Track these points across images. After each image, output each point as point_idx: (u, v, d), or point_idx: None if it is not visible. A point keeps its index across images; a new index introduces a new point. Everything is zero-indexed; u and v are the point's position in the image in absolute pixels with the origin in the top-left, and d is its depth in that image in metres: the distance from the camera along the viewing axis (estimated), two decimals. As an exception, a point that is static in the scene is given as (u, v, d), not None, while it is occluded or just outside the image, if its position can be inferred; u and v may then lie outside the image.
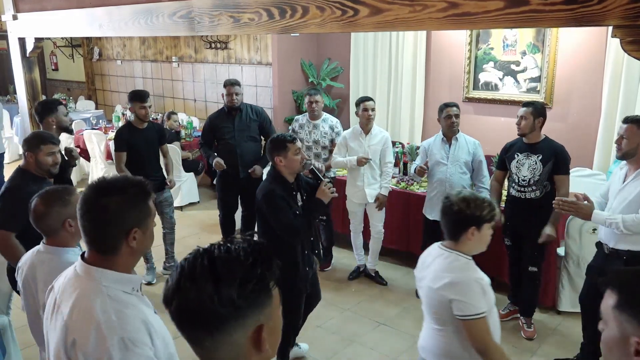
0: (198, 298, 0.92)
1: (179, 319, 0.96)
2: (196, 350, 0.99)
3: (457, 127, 4.08)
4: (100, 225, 1.48)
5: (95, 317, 1.41)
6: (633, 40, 1.70)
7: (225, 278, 0.92)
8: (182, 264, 0.98)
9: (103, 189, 1.49)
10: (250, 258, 0.95)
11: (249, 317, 0.95)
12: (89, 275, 1.49)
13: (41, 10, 3.88)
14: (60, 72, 11.23)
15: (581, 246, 3.87)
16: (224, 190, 4.89)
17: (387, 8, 2.10)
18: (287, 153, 3.03)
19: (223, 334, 0.94)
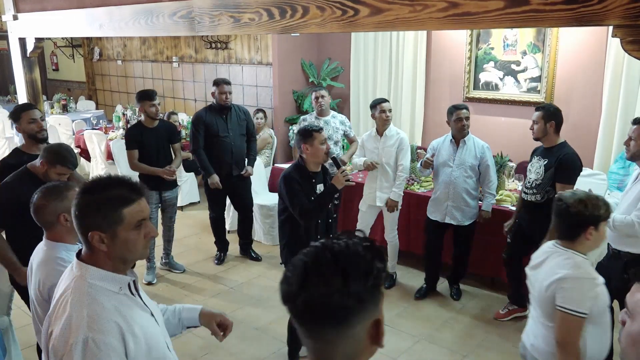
0: (327, 292, 0.93)
1: (306, 314, 0.97)
2: (315, 344, 1.00)
3: (468, 130, 4.08)
4: (75, 219, 1.51)
5: (69, 311, 1.43)
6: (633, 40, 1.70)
7: (352, 272, 0.95)
8: (304, 260, 0.99)
9: (87, 186, 1.53)
10: (369, 253, 0.98)
11: (370, 310, 0.98)
12: (79, 272, 1.51)
13: (41, 10, 3.88)
14: (60, 72, 11.23)
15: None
16: (213, 190, 4.90)
17: (388, 8, 2.11)
18: (314, 142, 3.20)
19: (347, 327, 0.96)
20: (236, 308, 4.25)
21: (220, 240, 5.15)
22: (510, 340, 3.77)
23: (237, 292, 4.55)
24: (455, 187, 4.04)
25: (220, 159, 4.73)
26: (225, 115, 4.75)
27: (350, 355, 0.99)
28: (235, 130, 4.76)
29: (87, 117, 8.80)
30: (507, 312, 4.05)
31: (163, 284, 4.70)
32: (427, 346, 3.74)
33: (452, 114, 4.06)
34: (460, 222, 4.10)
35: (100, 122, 8.41)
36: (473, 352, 3.66)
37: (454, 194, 4.06)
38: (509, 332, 3.88)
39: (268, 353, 3.66)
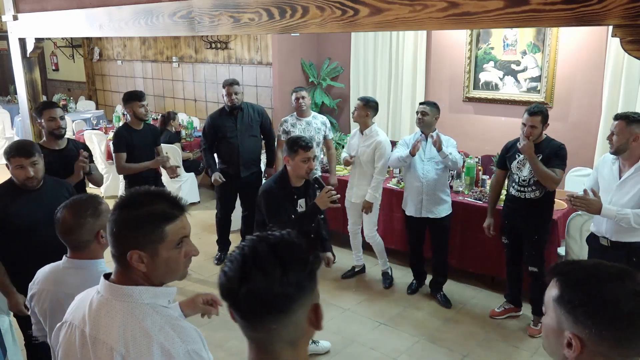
0: (267, 283, 0.96)
1: (248, 306, 0.99)
2: (257, 335, 1.02)
3: (426, 125, 4.10)
4: (111, 237, 1.39)
5: (154, 337, 1.33)
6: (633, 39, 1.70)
7: (290, 261, 0.98)
8: (241, 254, 1.00)
9: (125, 201, 1.41)
10: (304, 242, 1.02)
11: (309, 296, 1.01)
12: (125, 296, 1.38)
13: (41, 10, 3.88)
14: (60, 73, 11.23)
15: (581, 246, 3.86)
16: (223, 189, 4.91)
17: (387, 8, 2.10)
18: (295, 157, 3.09)
19: (289, 315, 0.99)
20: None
21: (223, 240, 5.15)
22: (510, 340, 3.78)
23: (237, 292, 4.55)
24: (428, 181, 4.10)
25: (228, 160, 4.74)
26: (235, 117, 4.75)
27: (291, 341, 1.02)
28: (243, 132, 4.74)
29: (87, 117, 8.81)
30: (503, 310, 4.07)
31: (163, 284, 4.70)
32: (427, 346, 3.74)
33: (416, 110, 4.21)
34: (436, 215, 4.15)
35: (100, 122, 8.41)
36: (473, 352, 3.66)
37: (427, 188, 4.10)
38: (509, 332, 3.89)
39: (268, 353, 3.66)
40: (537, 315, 3.86)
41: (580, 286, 1.05)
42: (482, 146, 5.36)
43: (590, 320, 1.02)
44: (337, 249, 5.15)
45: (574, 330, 1.04)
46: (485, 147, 5.32)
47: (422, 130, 4.16)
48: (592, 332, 1.01)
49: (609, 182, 3.14)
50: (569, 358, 1.06)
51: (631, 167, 3.03)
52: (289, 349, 1.02)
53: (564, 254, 4.01)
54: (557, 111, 5.02)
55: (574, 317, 1.04)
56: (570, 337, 1.04)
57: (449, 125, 5.64)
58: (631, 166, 3.03)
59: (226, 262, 1.02)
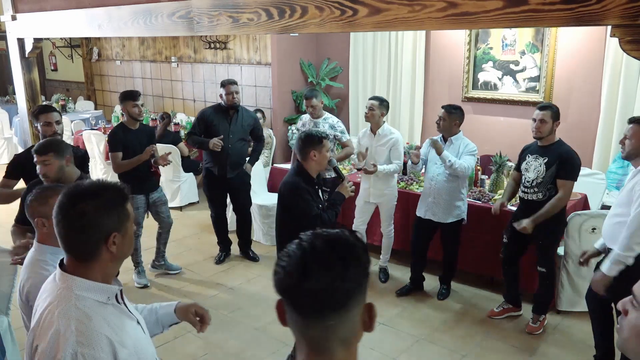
0: (329, 278, 0.97)
1: (309, 301, 0.99)
2: (314, 332, 1.02)
3: (444, 129, 4.06)
4: (78, 231, 1.43)
5: (55, 325, 1.38)
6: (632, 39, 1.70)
7: (349, 257, 1.00)
8: (299, 249, 1.01)
9: (78, 194, 1.45)
10: (358, 241, 1.03)
11: (363, 294, 1.03)
12: (64, 283, 1.45)
13: (40, 10, 3.88)
14: (59, 73, 11.22)
15: (581, 245, 3.86)
16: (211, 189, 4.92)
17: (386, 8, 2.11)
18: (322, 149, 3.18)
19: (347, 310, 1.00)
20: (236, 308, 4.25)
21: (223, 240, 5.14)
22: (509, 340, 3.78)
23: (237, 292, 4.55)
24: (437, 184, 4.09)
25: (216, 160, 4.73)
26: (230, 118, 4.75)
27: (345, 340, 1.02)
28: (236, 134, 4.74)
29: (85, 117, 8.80)
30: (502, 310, 4.07)
31: (161, 286, 4.70)
32: (427, 346, 3.74)
33: None
34: (441, 218, 4.13)
35: (99, 122, 8.41)
36: (472, 352, 3.66)
37: (436, 191, 4.10)
38: (509, 332, 3.89)
39: (268, 353, 3.66)
40: (537, 313, 3.87)
41: None
42: (481, 146, 5.34)
43: None
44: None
45: None
46: (484, 147, 5.32)
47: (443, 134, 4.13)
48: None
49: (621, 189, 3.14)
50: None
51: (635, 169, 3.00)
52: (343, 349, 1.02)
53: (563, 254, 4.01)
54: (556, 111, 5.02)
55: None
56: None
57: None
58: (635, 168, 2.99)
59: (282, 257, 1.03)
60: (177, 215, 6.38)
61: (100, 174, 7.09)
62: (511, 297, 4.04)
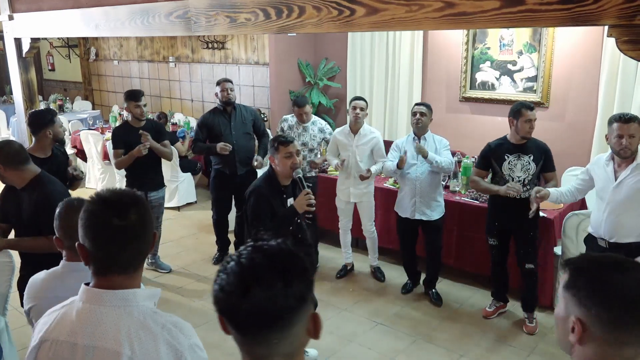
0: (269, 297, 0.91)
1: (250, 322, 0.94)
2: (257, 349, 0.98)
3: (421, 125, 4.09)
4: (133, 242, 1.37)
5: (159, 335, 1.34)
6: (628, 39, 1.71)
7: (291, 272, 0.94)
8: (238, 266, 0.95)
9: (117, 205, 1.37)
10: (300, 251, 0.98)
11: (308, 306, 0.98)
12: (120, 300, 1.35)
13: (37, 10, 3.88)
14: (56, 73, 11.20)
15: (578, 245, 3.87)
16: (219, 190, 4.91)
17: (384, 8, 2.11)
18: (277, 154, 3.07)
19: (290, 327, 0.96)
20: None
21: (222, 240, 5.14)
22: (507, 339, 3.79)
23: (234, 292, 4.54)
24: (421, 183, 4.10)
25: (224, 159, 4.73)
26: (229, 115, 4.76)
27: (291, 352, 0.99)
28: (238, 129, 4.76)
29: (83, 117, 8.79)
30: (495, 309, 4.10)
31: (159, 286, 4.70)
32: (424, 346, 3.74)
33: (412, 110, 4.19)
34: (429, 217, 4.15)
35: (97, 122, 8.41)
36: (470, 352, 3.67)
37: (421, 190, 4.11)
38: (506, 331, 3.90)
39: (265, 353, 3.66)
40: (531, 311, 3.90)
41: (586, 271, 1.09)
42: (478, 146, 5.31)
43: (590, 301, 1.04)
44: (332, 249, 5.17)
45: (577, 313, 1.06)
46: (482, 147, 5.31)
47: (416, 132, 4.15)
48: (592, 314, 1.04)
49: (604, 184, 3.15)
50: (572, 343, 1.08)
51: (627, 167, 3.04)
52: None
53: (560, 254, 4.02)
54: (553, 111, 5.03)
55: (577, 300, 1.07)
56: (574, 321, 1.07)
57: (445, 125, 5.64)
58: (627, 166, 3.04)
59: (220, 274, 0.96)
60: (175, 215, 6.38)
61: (98, 174, 7.09)
62: (501, 294, 4.09)
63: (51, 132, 3.48)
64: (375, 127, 5.06)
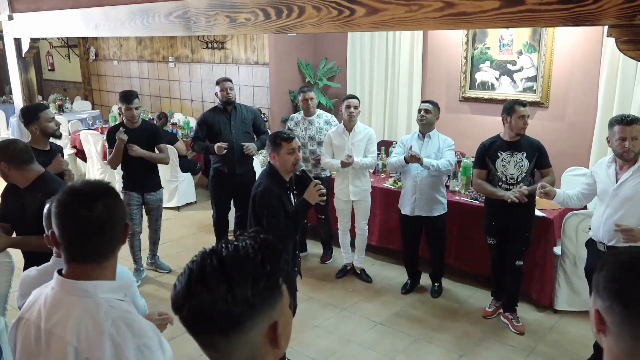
0: (211, 300, 0.90)
1: (193, 323, 0.95)
2: (210, 354, 0.97)
3: (428, 122, 4.14)
4: (99, 232, 1.40)
5: (105, 330, 1.35)
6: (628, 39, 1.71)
7: (237, 277, 0.91)
8: (190, 267, 0.95)
9: (92, 192, 1.41)
10: (259, 255, 0.94)
11: (263, 314, 0.94)
12: (80, 291, 1.39)
13: (37, 10, 3.87)
14: (56, 73, 11.19)
15: (577, 245, 3.88)
16: (218, 189, 4.91)
17: (384, 8, 2.11)
18: (280, 150, 3.04)
19: (239, 334, 0.93)
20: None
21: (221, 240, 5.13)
22: (506, 339, 3.78)
23: (234, 292, 4.54)
24: (422, 180, 4.14)
25: (223, 157, 4.73)
26: (229, 114, 4.76)
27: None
28: (238, 129, 4.75)
29: (83, 117, 8.79)
30: (494, 309, 4.10)
31: (159, 286, 4.70)
32: (424, 345, 3.74)
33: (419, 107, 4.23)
34: (428, 213, 4.17)
35: (97, 122, 8.40)
36: (470, 352, 3.66)
37: (421, 187, 4.14)
38: (506, 331, 3.89)
39: (265, 353, 3.65)
40: (511, 311, 3.93)
41: (608, 264, 1.10)
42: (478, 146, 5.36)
43: (606, 292, 1.05)
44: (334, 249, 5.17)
45: (596, 305, 1.08)
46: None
47: (422, 130, 4.19)
48: (607, 306, 1.05)
49: (605, 186, 3.13)
50: (594, 334, 1.11)
51: (628, 169, 3.02)
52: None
53: (560, 254, 4.02)
54: (553, 111, 5.03)
55: (596, 292, 1.08)
56: (593, 313, 1.08)
57: (445, 125, 5.64)
58: (628, 169, 3.02)
59: (179, 275, 0.97)
60: (174, 215, 6.38)
61: (98, 174, 7.08)
62: (499, 294, 4.10)
63: (37, 127, 3.52)
64: (375, 127, 5.08)
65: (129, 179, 4.56)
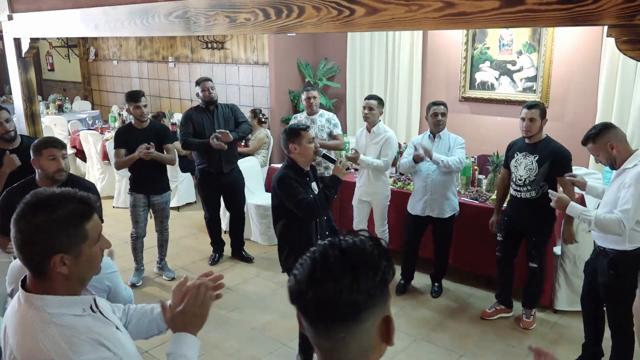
0: (337, 288, 0.94)
1: (314, 311, 0.97)
2: (325, 343, 1.00)
3: (443, 125, 4.15)
4: (23, 245, 1.33)
5: (44, 349, 1.29)
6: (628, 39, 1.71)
7: (360, 268, 0.96)
8: (313, 257, 0.99)
9: (32, 205, 1.34)
10: (375, 250, 0.99)
11: (379, 306, 0.99)
12: (30, 304, 1.34)
13: (37, 10, 3.87)
14: (56, 73, 11.18)
15: (577, 245, 3.88)
16: (206, 189, 4.92)
17: (383, 8, 2.11)
18: (302, 141, 3.14)
19: (357, 323, 0.97)
20: (233, 309, 4.25)
21: (215, 241, 5.14)
22: (506, 340, 3.79)
23: (234, 292, 4.54)
24: (433, 180, 4.13)
25: (209, 158, 4.73)
26: (211, 114, 4.77)
27: (361, 353, 1.00)
28: (222, 128, 4.73)
29: (82, 117, 8.78)
30: (495, 311, 4.09)
31: (159, 285, 4.70)
32: (424, 346, 3.74)
33: (430, 109, 4.17)
34: (439, 214, 4.16)
35: (96, 122, 8.39)
36: (470, 352, 3.67)
37: (432, 187, 4.12)
38: (506, 331, 3.90)
39: (265, 353, 3.66)
40: (530, 308, 3.93)
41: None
42: (478, 146, 5.37)
43: None
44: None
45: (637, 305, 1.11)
46: (482, 147, 5.32)
47: (434, 131, 4.18)
48: None
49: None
50: None
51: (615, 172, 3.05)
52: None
53: (560, 254, 4.02)
54: (553, 111, 5.03)
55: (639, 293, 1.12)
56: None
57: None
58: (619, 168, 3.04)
59: (297, 266, 1.01)
60: (174, 216, 6.37)
61: (98, 174, 7.08)
62: (504, 297, 4.06)
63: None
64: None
65: (136, 182, 4.52)
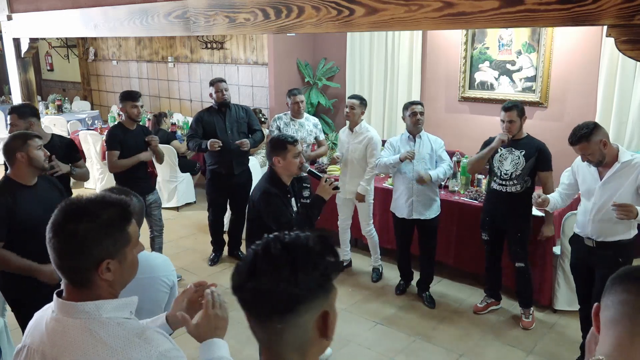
0: (275, 280, 0.96)
1: (252, 302, 1.00)
2: (263, 334, 1.03)
3: (422, 125, 4.12)
4: (68, 255, 1.29)
5: (119, 351, 1.26)
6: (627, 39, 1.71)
7: (300, 261, 0.98)
8: (254, 249, 1.02)
9: (73, 212, 1.30)
10: (318, 245, 1.01)
11: (318, 301, 1.00)
12: (80, 313, 1.30)
13: (36, 10, 3.87)
14: (55, 73, 11.18)
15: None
16: (215, 191, 4.91)
17: (383, 8, 2.11)
18: (287, 154, 2.99)
19: (294, 316, 0.98)
20: (232, 309, 4.23)
21: (217, 241, 5.13)
22: (506, 339, 3.79)
23: (234, 292, 4.54)
24: (416, 183, 4.10)
25: (220, 158, 4.72)
26: (224, 115, 4.76)
27: (299, 346, 1.02)
28: (233, 129, 4.75)
29: (82, 117, 8.77)
30: (486, 305, 4.13)
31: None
32: (423, 345, 3.75)
33: (407, 109, 4.12)
34: (425, 215, 4.15)
35: (96, 122, 8.39)
36: (469, 351, 3.67)
37: (418, 189, 4.10)
38: (505, 330, 3.90)
39: (264, 353, 3.65)
40: (527, 307, 3.94)
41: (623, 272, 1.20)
42: (477, 146, 5.30)
43: None
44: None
45: None
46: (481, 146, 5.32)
47: (413, 131, 4.11)
48: None
49: (590, 184, 3.16)
50: None
51: (610, 166, 3.05)
52: (297, 356, 1.02)
53: (559, 254, 4.02)
54: (552, 111, 5.03)
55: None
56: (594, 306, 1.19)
57: (444, 125, 5.65)
58: (610, 166, 3.05)
59: (242, 258, 1.04)
60: (174, 216, 6.37)
61: (97, 174, 7.08)
62: (493, 291, 4.12)
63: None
64: (374, 127, 5.06)
65: (128, 183, 4.49)
